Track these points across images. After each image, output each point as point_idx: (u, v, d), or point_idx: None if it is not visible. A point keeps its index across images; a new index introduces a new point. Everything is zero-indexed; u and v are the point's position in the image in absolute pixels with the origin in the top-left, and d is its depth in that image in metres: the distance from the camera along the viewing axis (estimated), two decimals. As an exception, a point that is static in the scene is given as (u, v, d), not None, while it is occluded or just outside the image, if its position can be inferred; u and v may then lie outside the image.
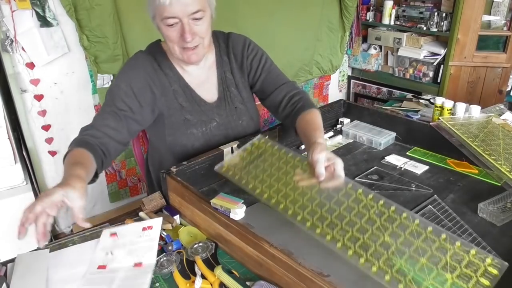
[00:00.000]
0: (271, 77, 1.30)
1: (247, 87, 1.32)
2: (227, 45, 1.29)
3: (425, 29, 2.84)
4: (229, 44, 1.29)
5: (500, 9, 2.74)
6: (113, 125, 1.09)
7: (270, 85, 1.29)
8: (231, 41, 1.29)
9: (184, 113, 1.22)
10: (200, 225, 0.97)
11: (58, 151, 2.06)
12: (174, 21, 1.07)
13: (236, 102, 1.29)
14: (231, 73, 1.29)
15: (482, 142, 1.17)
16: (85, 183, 0.88)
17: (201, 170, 1.12)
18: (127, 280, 0.82)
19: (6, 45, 1.78)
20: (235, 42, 1.30)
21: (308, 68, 2.95)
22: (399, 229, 0.79)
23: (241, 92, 1.30)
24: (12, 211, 1.90)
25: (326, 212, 0.85)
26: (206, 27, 1.12)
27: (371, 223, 0.81)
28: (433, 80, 2.92)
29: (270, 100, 1.29)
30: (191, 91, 1.23)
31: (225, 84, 1.28)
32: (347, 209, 0.85)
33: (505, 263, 0.69)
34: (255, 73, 1.30)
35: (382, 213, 0.83)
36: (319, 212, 0.85)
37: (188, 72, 1.23)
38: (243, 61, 1.29)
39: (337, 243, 0.78)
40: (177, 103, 1.21)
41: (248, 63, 1.30)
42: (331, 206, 0.86)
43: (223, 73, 1.28)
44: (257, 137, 1.10)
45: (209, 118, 1.24)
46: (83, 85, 2.06)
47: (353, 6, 2.88)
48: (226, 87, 1.28)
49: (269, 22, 2.59)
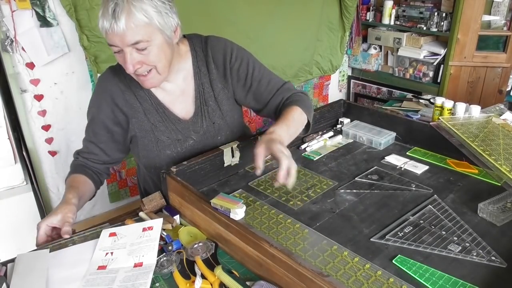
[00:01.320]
0: (263, 85, 1.18)
1: (231, 99, 1.21)
2: (206, 53, 1.16)
3: (425, 29, 2.84)
4: (208, 51, 1.16)
5: (500, 9, 2.74)
6: (96, 153, 1.18)
7: (264, 94, 1.18)
8: (210, 48, 1.16)
9: (157, 134, 1.16)
10: (200, 225, 0.97)
11: (58, 151, 2.06)
12: (117, 49, 0.98)
13: (214, 117, 1.19)
14: (210, 85, 1.17)
15: (482, 142, 1.17)
16: (71, 205, 1.03)
17: (201, 170, 1.12)
18: (127, 281, 0.81)
19: (6, 45, 1.78)
20: (215, 50, 1.16)
21: (308, 68, 2.95)
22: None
23: (221, 106, 1.19)
24: (12, 211, 1.90)
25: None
26: (155, 55, 1.00)
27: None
28: (433, 80, 2.92)
29: (268, 110, 1.20)
30: (165, 109, 1.15)
31: (203, 98, 1.17)
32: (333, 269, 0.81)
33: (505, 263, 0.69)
34: (244, 83, 1.18)
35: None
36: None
37: (161, 88, 1.14)
38: (225, 71, 1.17)
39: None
40: (149, 123, 1.15)
41: (234, 73, 1.17)
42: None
43: (200, 86, 1.17)
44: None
45: (184, 137, 1.17)
46: (83, 85, 2.06)
47: (353, 6, 2.88)
48: (204, 101, 1.17)
49: (269, 22, 2.59)
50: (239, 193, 1.11)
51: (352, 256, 0.84)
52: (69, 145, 2.07)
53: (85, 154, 1.18)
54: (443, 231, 0.93)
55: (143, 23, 0.95)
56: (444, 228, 0.94)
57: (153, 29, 0.97)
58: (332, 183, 1.14)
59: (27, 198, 1.92)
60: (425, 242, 0.89)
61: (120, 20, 0.92)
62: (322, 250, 0.86)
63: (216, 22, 2.32)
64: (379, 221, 0.98)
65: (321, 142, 1.39)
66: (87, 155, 1.18)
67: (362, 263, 0.82)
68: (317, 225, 0.97)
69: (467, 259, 0.85)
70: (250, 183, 1.16)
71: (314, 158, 1.30)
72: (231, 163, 1.20)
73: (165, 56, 1.03)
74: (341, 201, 1.06)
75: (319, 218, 0.99)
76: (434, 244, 0.89)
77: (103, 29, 0.96)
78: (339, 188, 1.12)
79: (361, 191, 1.11)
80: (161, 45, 1.01)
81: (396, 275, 0.79)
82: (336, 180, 1.16)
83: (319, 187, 1.13)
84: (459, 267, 0.83)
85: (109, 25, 0.93)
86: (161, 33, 0.99)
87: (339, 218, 1.00)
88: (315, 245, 0.88)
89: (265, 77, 1.19)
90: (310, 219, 0.99)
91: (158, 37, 0.99)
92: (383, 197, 1.08)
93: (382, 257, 0.86)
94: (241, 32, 2.44)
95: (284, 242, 0.90)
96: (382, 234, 0.93)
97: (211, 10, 2.29)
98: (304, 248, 0.88)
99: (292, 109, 1.11)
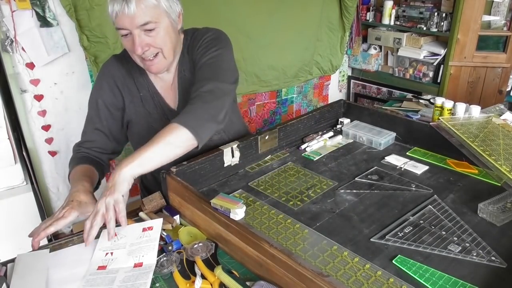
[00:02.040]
0: (200, 73, 1.09)
1: None
2: (191, 41, 1.17)
3: (425, 29, 2.85)
4: (192, 39, 1.17)
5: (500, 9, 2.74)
6: (100, 140, 1.18)
7: (193, 84, 1.09)
8: (195, 36, 1.16)
9: (150, 121, 1.18)
10: (200, 225, 0.97)
11: (58, 151, 2.06)
12: (125, 32, 1.03)
13: None
14: (190, 71, 1.17)
15: (482, 142, 1.17)
16: (90, 193, 1.02)
17: (201, 170, 1.12)
18: (127, 281, 0.81)
19: (6, 45, 1.78)
20: (197, 36, 1.16)
21: (308, 68, 2.95)
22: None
23: None
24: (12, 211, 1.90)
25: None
26: (161, 38, 1.05)
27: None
28: (433, 80, 2.92)
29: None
30: (160, 98, 1.19)
31: (184, 85, 1.16)
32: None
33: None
34: (195, 68, 1.14)
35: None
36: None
37: (159, 78, 1.19)
38: (192, 53, 1.15)
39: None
40: (145, 109, 1.18)
41: (194, 56, 1.14)
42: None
43: (182, 72, 1.17)
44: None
45: None
46: (83, 85, 2.07)
47: (353, 6, 2.88)
48: (185, 88, 1.16)
49: (269, 22, 2.59)
50: (239, 193, 1.11)
51: (352, 256, 0.84)
52: (69, 145, 2.07)
53: (88, 144, 1.17)
54: (443, 231, 0.93)
55: (152, 5, 1.01)
56: (444, 228, 0.94)
57: (160, 11, 1.03)
58: (332, 183, 1.14)
59: (27, 198, 1.92)
60: (425, 242, 0.89)
61: (131, 2, 0.99)
62: (322, 250, 0.86)
63: (216, 22, 2.31)
64: (379, 221, 0.98)
65: (321, 142, 1.39)
66: (90, 144, 1.17)
67: (362, 263, 0.82)
68: (317, 225, 0.97)
69: (467, 259, 0.85)
70: (250, 183, 1.16)
71: (314, 158, 1.30)
72: (231, 163, 1.20)
73: (170, 40, 1.08)
74: (341, 201, 1.06)
75: (319, 218, 0.99)
76: (434, 244, 0.89)
77: (113, 12, 1.01)
78: (339, 188, 1.12)
79: (361, 191, 1.11)
80: (167, 28, 1.06)
81: (396, 275, 0.79)
82: (336, 180, 1.16)
83: (319, 187, 1.13)
84: (459, 267, 0.83)
85: (119, 8, 0.99)
86: (167, 17, 1.05)
87: (339, 218, 1.00)
88: (315, 245, 0.88)
89: (208, 66, 1.09)
90: (310, 219, 0.99)
91: (165, 20, 1.05)
92: (383, 197, 1.08)
93: (382, 257, 0.86)
94: (241, 32, 2.44)
95: (284, 242, 0.90)
96: (382, 234, 0.93)
97: (211, 10, 2.29)
98: (304, 248, 0.88)
99: (168, 127, 0.98)
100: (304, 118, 1.39)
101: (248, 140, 1.22)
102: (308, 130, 1.42)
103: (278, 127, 1.32)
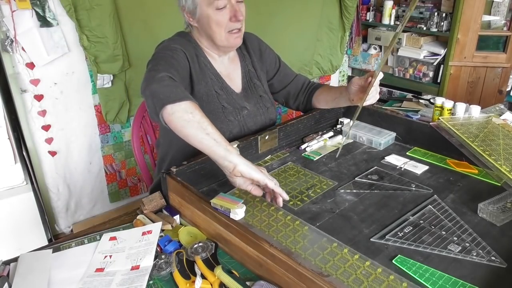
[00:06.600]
0: (285, 69, 1.47)
1: (265, 78, 1.43)
2: (243, 41, 1.34)
3: (425, 29, 2.85)
4: (245, 40, 1.37)
5: (500, 9, 2.74)
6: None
7: (286, 77, 1.46)
8: (245, 38, 1.37)
9: (221, 101, 1.26)
10: (200, 225, 0.97)
11: (58, 151, 2.06)
12: (223, 4, 1.15)
13: (260, 91, 1.38)
14: (253, 66, 1.39)
15: (482, 142, 1.17)
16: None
17: (201, 170, 1.12)
18: (123, 283, 0.82)
19: (6, 45, 1.78)
20: (250, 39, 1.41)
21: (308, 68, 2.95)
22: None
23: (262, 83, 1.40)
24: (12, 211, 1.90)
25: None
26: (244, 11, 1.21)
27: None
28: (433, 80, 2.92)
29: (287, 90, 1.46)
30: (222, 80, 1.29)
31: (249, 77, 1.38)
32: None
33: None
34: (274, 65, 1.45)
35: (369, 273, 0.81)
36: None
37: (218, 62, 1.30)
38: (261, 55, 1.42)
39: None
40: (214, 90, 1.26)
41: (266, 56, 1.42)
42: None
43: (246, 67, 1.38)
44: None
45: (240, 106, 1.30)
46: (83, 85, 2.06)
47: (353, 6, 2.88)
48: (250, 79, 1.38)
49: (269, 22, 2.59)
50: (238, 190, 1.10)
51: (352, 253, 0.84)
52: (69, 145, 2.08)
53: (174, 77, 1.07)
54: (443, 231, 0.93)
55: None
56: (444, 228, 0.94)
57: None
58: (332, 183, 1.14)
59: (27, 198, 1.92)
60: (425, 242, 0.89)
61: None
62: (322, 248, 0.86)
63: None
64: (379, 221, 0.98)
65: (321, 142, 1.39)
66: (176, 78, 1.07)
67: (362, 261, 0.82)
68: (317, 225, 0.97)
69: (467, 259, 0.85)
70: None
71: (314, 158, 1.30)
72: (231, 163, 1.19)
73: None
74: (341, 201, 1.06)
75: (319, 218, 0.99)
76: (434, 244, 0.89)
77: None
78: (339, 188, 1.12)
79: (361, 191, 1.11)
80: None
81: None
82: (336, 180, 1.16)
83: (319, 187, 1.13)
84: (459, 267, 0.83)
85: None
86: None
87: (339, 218, 1.00)
88: (315, 243, 0.88)
89: (284, 65, 1.48)
90: (310, 219, 0.99)
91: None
92: (383, 197, 1.08)
93: (382, 257, 0.86)
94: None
95: (284, 240, 0.89)
96: (382, 234, 0.93)
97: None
98: (304, 246, 0.87)
99: (328, 86, 1.47)
100: (304, 118, 1.39)
101: (248, 140, 1.22)
102: (308, 130, 1.42)
103: (278, 127, 1.32)
